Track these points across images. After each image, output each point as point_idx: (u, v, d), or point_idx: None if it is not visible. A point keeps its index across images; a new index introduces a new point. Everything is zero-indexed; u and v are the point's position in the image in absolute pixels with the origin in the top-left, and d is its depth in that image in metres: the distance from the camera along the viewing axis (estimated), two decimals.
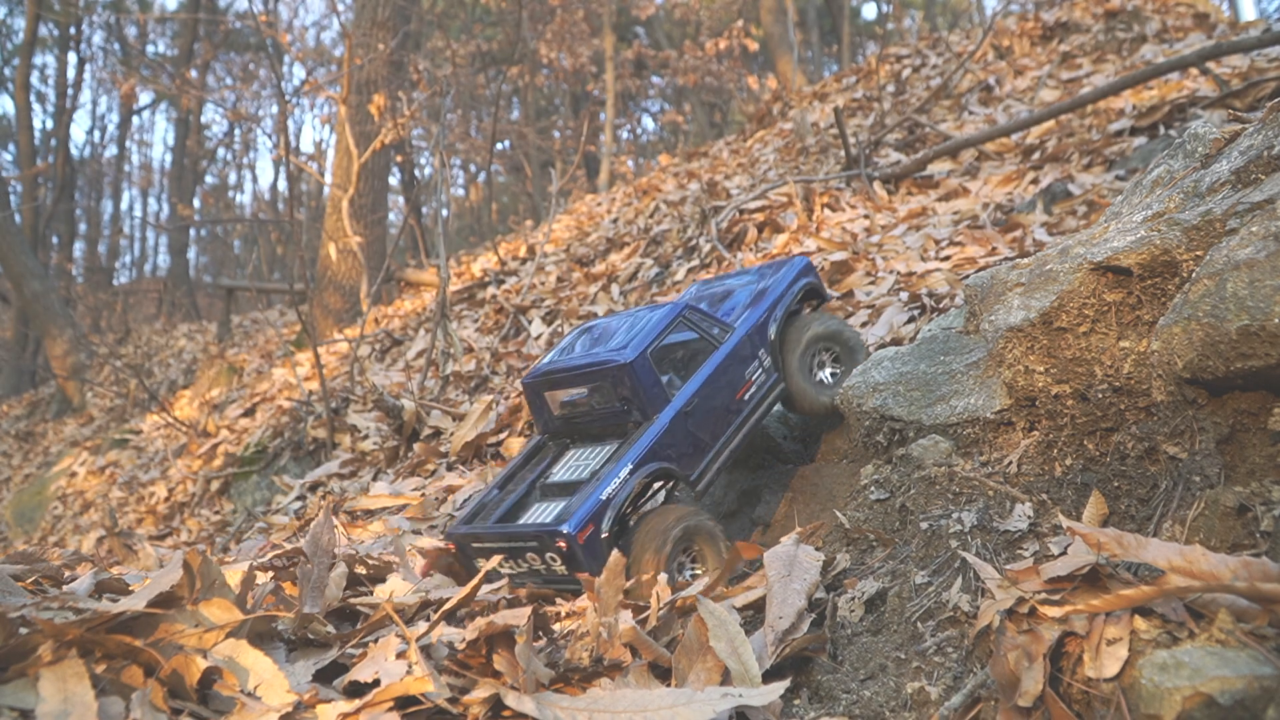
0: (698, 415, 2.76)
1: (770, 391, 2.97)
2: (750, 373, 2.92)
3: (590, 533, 2.46)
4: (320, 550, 2.09)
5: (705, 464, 2.76)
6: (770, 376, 2.97)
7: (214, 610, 1.54)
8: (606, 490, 2.53)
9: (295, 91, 24.33)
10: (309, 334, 6.64)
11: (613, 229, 9.35)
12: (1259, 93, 5.23)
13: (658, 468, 2.64)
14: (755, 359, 2.94)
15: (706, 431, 2.78)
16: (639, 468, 2.59)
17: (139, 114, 32.08)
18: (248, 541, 4.74)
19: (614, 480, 2.55)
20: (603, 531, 2.47)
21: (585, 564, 2.45)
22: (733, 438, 2.84)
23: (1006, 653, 1.46)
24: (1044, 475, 2.07)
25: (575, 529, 2.44)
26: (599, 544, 2.46)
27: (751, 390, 2.91)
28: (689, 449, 2.73)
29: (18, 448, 15.56)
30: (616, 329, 2.94)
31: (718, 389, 2.83)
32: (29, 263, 15.82)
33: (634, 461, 2.60)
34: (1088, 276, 2.06)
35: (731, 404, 2.85)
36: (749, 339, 2.94)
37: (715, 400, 2.81)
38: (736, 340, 2.92)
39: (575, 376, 2.86)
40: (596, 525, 2.47)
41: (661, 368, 2.79)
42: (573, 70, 21.74)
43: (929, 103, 8.36)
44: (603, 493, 2.52)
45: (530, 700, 1.43)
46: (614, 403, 2.78)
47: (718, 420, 2.81)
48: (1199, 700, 1.20)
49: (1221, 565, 1.30)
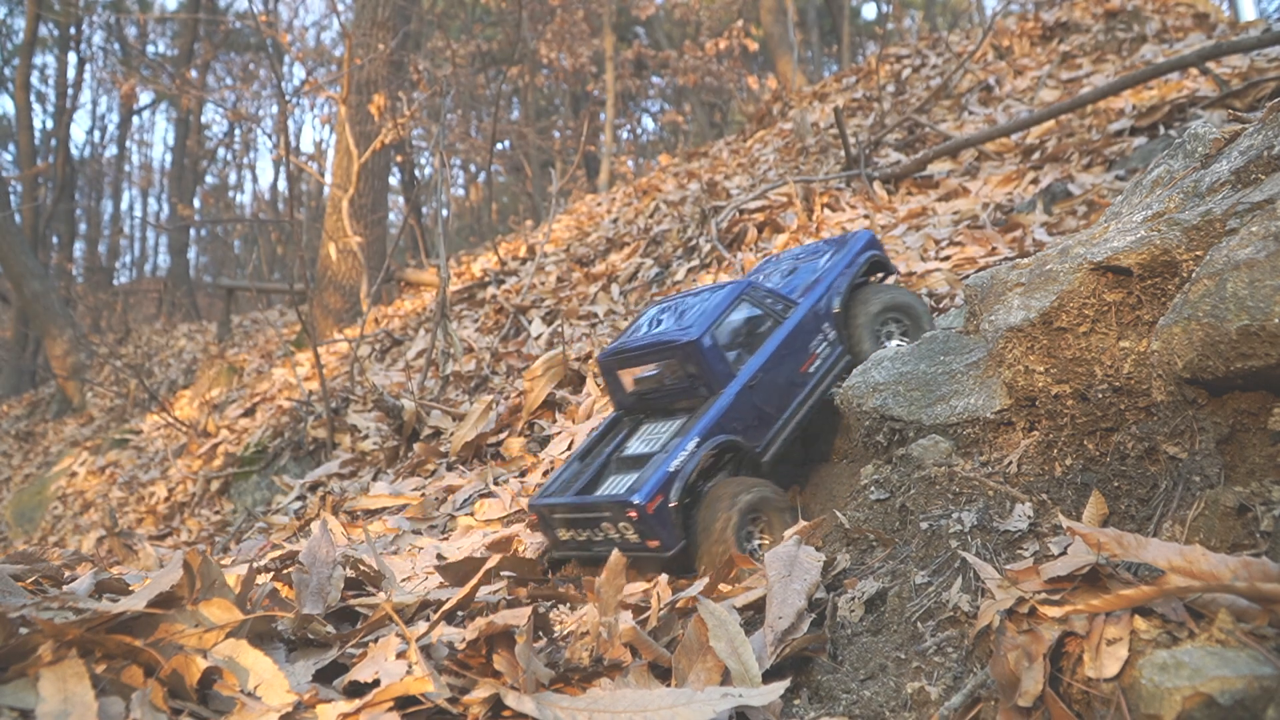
0: (762, 389, 2.84)
1: (835, 364, 3.01)
2: (815, 346, 2.98)
3: (659, 503, 2.56)
4: (319, 562, 2.10)
5: (771, 436, 2.84)
6: (835, 349, 3.02)
7: (214, 610, 1.54)
8: (674, 462, 2.62)
9: (295, 91, 24.33)
10: (309, 334, 6.64)
11: (613, 229, 9.35)
12: (1259, 93, 5.23)
13: (724, 440, 2.72)
14: (819, 333, 3.00)
15: (772, 405, 2.85)
16: (705, 440, 2.68)
17: (139, 114, 32.09)
18: (248, 541, 4.74)
19: (681, 452, 2.65)
20: (671, 501, 2.57)
21: (655, 532, 2.56)
22: (798, 411, 2.91)
23: (1006, 653, 1.46)
24: (1044, 475, 2.07)
25: (645, 499, 2.55)
26: (667, 513, 2.56)
27: (816, 363, 2.97)
28: (754, 422, 2.81)
29: (18, 448, 15.56)
30: (686, 307, 3.05)
31: (782, 363, 2.89)
32: (29, 263, 15.83)
33: (700, 434, 2.69)
34: (1088, 276, 2.06)
35: (796, 377, 2.92)
36: (813, 313, 3.00)
37: (780, 374, 2.88)
38: (800, 315, 2.98)
39: (645, 355, 2.98)
40: (665, 495, 2.56)
41: (727, 344, 2.87)
42: (573, 70, 21.74)
43: (929, 103, 8.36)
44: (670, 464, 2.62)
45: (530, 700, 1.43)
46: (682, 379, 2.89)
47: (783, 394, 2.88)
48: (1199, 700, 1.20)
49: (1221, 565, 1.30)
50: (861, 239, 3.29)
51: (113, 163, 33.35)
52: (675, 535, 2.57)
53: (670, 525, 2.56)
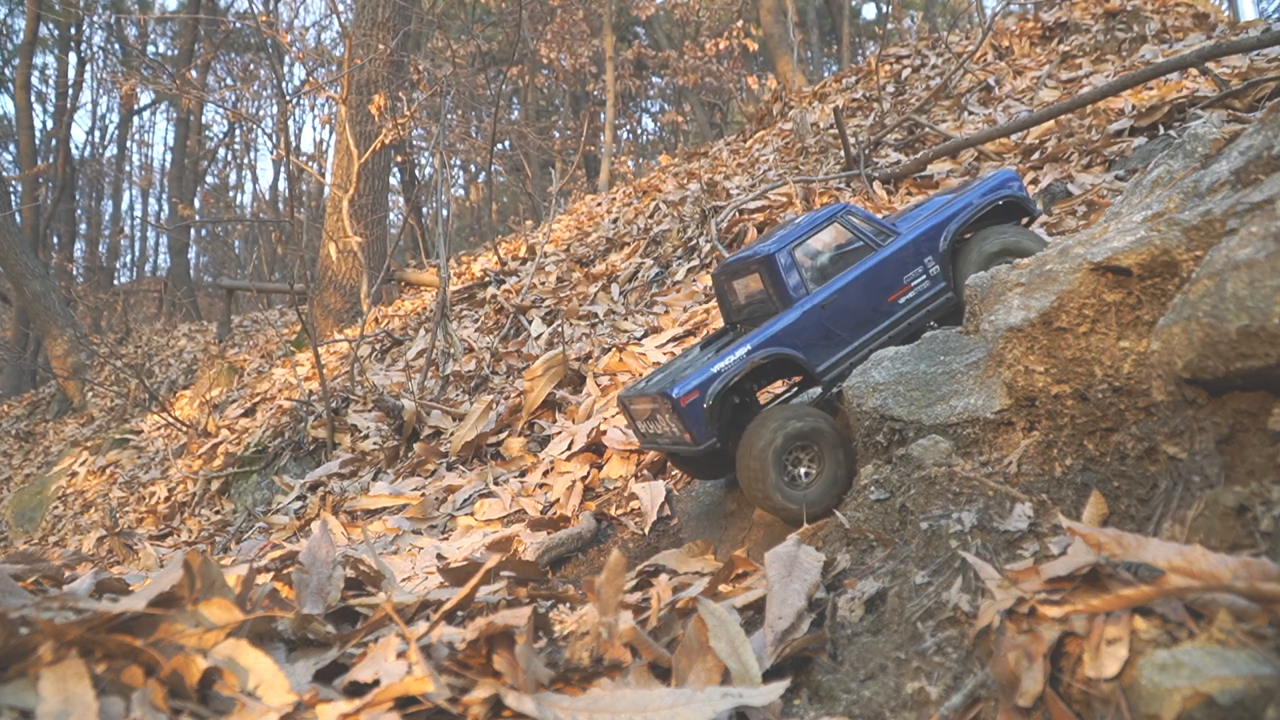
0: (836, 310, 2.84)
1: (931, 300, 2.97)
2: (910, 278, 2.95)
3: (694, 398, 2.61)
4: (319, 562, 2.09)
5: (837, 359, 2.83)
6: (935, 285, 2.98)
7: (214, 610, 1.54)
8: (719, 364, 2.68)
9: (295, 91, 24.34)
10: (309, 334, 6.64)
11: (613, 229, 9.35)
12: (1259, 93, 5.23)
13: (776, 352, 2.74)
14: (918, 265, 2.96)
15: (845, 328, 2.85)
16: (756, 349, 2.72)
17: (139, 114, 32.11)
18: (248, 541, 4.74)
19: (730, 356, 2.70)
20: (705, 400, 2.61)
21: (688, 425, 2.61)
22: (876, 339, 2.89)
23: (1006, 653, 1.46)
24: (1044, 475, 2.07)
25: (680, 393, 2.61)
26: (700, 411, 2.61)
27: (909, 295, 2.94)
28: (820, 340, 2.81)
29: (18, 448, 15.56)
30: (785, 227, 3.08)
31: (866, 289, 2.89)
32: (29, 263, 15.83)
33: (753, 343, 2.73)
34: (1087, 276, 2.06)
35: (881, 305, 2.91)
36: (913, 245, 2.96)
37: (860, 300, 2.87)
38: (897, 246, 2.96)
39: (739, 268, 3.05)
40: (702, 392, 2.61)
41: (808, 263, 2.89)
42: (573, 70, 21.74)
43: (929, 103, 8.36)
44: (715, 365, 2.67)
45: (530, 700, 1.43)
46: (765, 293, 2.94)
47: (860, 319, 2.87)
48: (1199, 700, 1.20)
49: (1221, 565, 1.30)
50: (997, 178, 3.20)
51: (113, 163, 33.36)
52: (706, 431, 2.60)
53: (702, 421, 2.59)
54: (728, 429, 2.87)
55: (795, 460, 2.58)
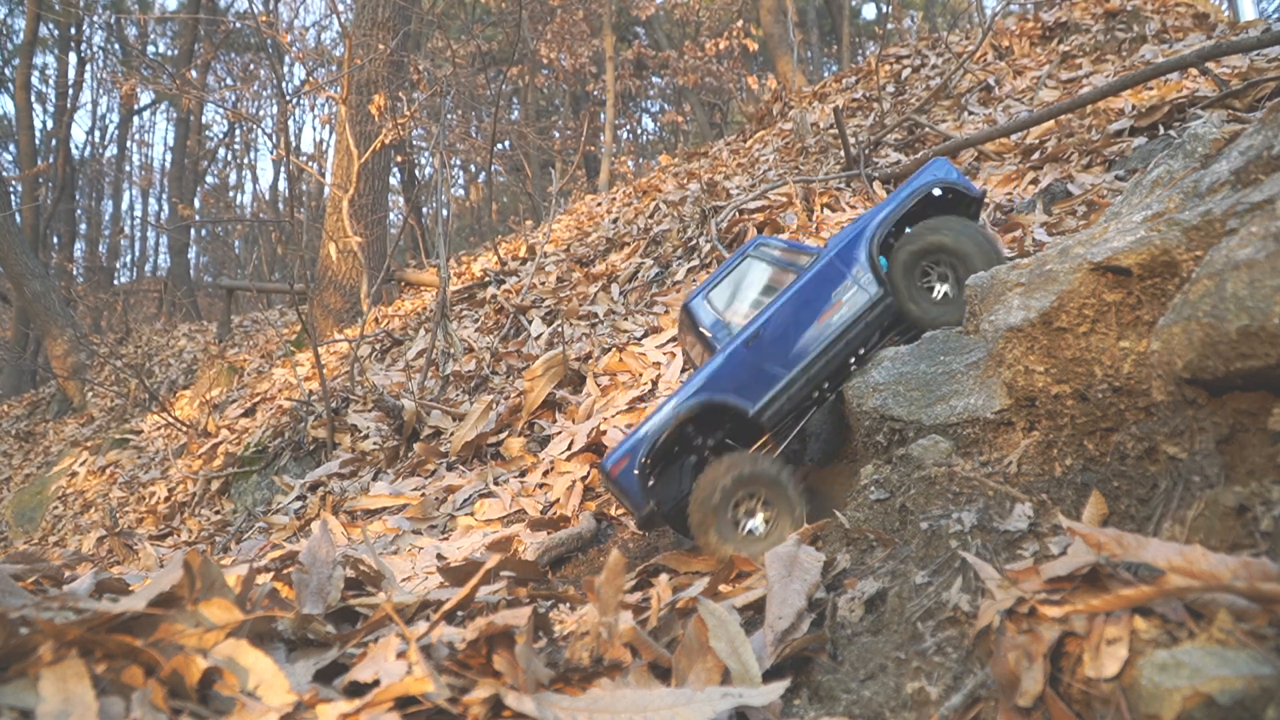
0: (764, 345, 2.67)
1: (869, 311, 2.77)
2: (839, 293, 2.76)
3: (624, 466, 2.50)
4: (319, 562, 2.09)
5: (773, 396, 2.66)
6: (869, 294, 2.77)
7: (214, 610, 1.54)
8: (646, 426, 2.56)
9: (295, 91, 24.34)
10: (309, 334, 6.64)
11: (613, 229, 9.35)
12: (1259, 93, 5.23)
13: (703, 401, 2.59)
14: (847, 278, 2.77)
15: (778, 361, 2.68)
16: (682, 402, 2.59)
17: (139, 114, 32.11)
18: (248, 541, 4.74)
19: (656, 415, 2.58)
20: (635, 467, 2.50)
21: (620, 496, 2.51)
22: (814, 366, 2.70)
23: (1006, 653, 1.46)
24: (1044, 475, 2.07)
25: (610, 463, 2.52)
26: (632, 477, 2.50)
27: (841, 311, 2.74)
28: (751, 380, 2.65)
29: (18, 448, 15.56)
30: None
31: (792, 316, 2.71)
32: (29, 263, 15.83)
33: (678, 397, 2.61)
34: (1088, 276, 2.06)
35: (812, 330, 2.72)
36: (837, 258, 2.79)
37: (789, 328, 2.70)
38: (820, 264, 2.78)
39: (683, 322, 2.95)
40: (631, 458, 2.51)
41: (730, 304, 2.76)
42: (573, 70, 21.74)
43: (929, 103, 8.36)
44: (643, 429, 2.56)
45: (530, 700, 1.43)
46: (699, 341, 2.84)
47: (794, 349, 2.70)
48: (1199, 700, 1.20)
49: (1221, 565, 1.30)
50: (926, 169, 2.97)
51: (113, 163, 33.36)
52: (642, 498, 2.48)
53: (636, 488, 2.47)
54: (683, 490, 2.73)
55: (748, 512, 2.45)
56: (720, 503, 2.40)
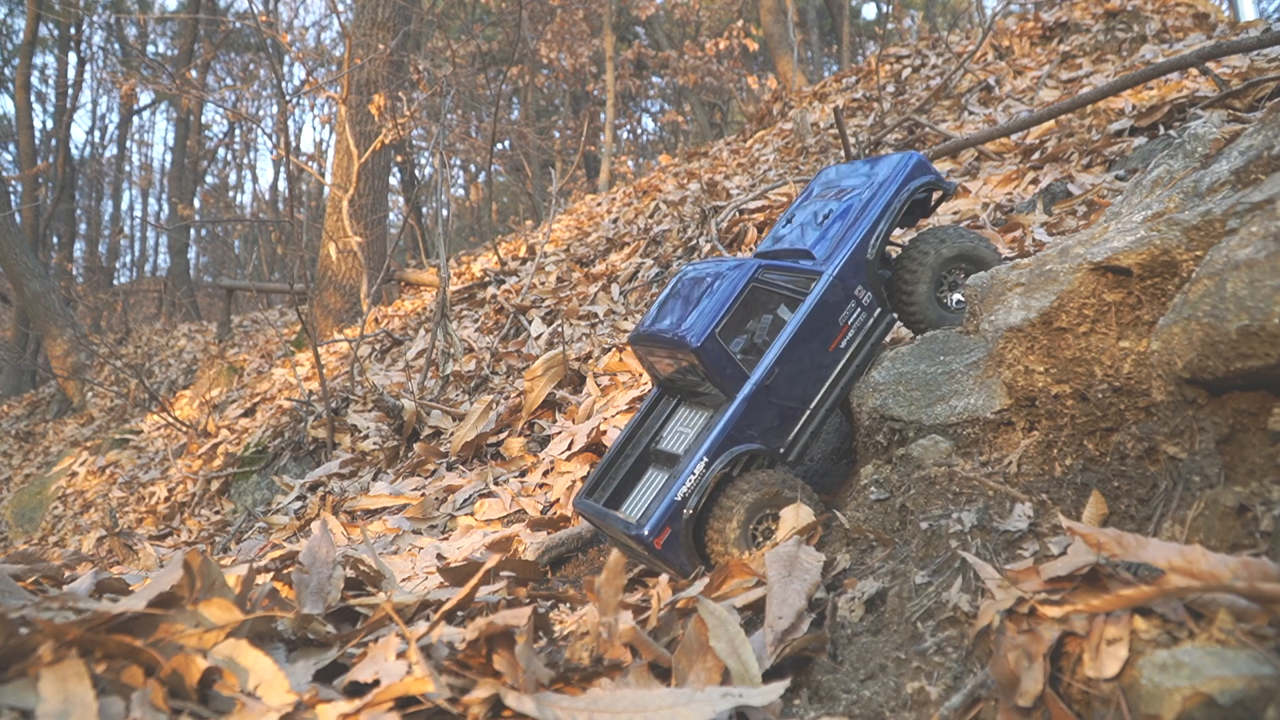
0: (782, 384, 2.57)
1: (874, 329, 2.70)
2: (845, 317, 2.66)
3: (668, 535, 2.41)
4: (318, 562, 2.10)
5: (796, 432, 2.58)
6: (871, 313, 2.68)
7: (214, 610, 1.54)
8: (681, 490, 2.45)
9: (295, 91, 24.34)
10: (309, 334, 6.64)
11: (613, 229, 9.35)
12: (1259, 93, 5.23)
13: (739, 453, 2.50)
14: (850, 299, 2.66)
15: (794, 398, 2.58)
16: (714, 459, 2.48)
17: (139, 114, 32.12)
18: (248, 541, 4.74)
19: (689, 476, 2.47)
20: (680, 530, 2.42)
21: (669, 563, 2.43)
22: (829, 395, 2.63)
23: (1006, 653, 1.46)
24: (1044, 475, 2.07)
25: (652, 534, 2.41)
26: (678, 543, 2.42)
27: (849, 335, 2.66)
28: (775, 422, 2.56)
29: (18, 448, 15.56)
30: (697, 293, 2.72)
31: (804, 349, 2.60)
32: (29, 263, 15.84)
33: (708, 453, 2.48)
34: (1088, 276, 2.06)
35: (824, 359, 2.62)
36: (839, 280, 2.66)
37: (802, 362, 2.59)
38: (822, 288, 2.65)
39: (660, 346, 2.74)
40: (674, 527, 2.41)
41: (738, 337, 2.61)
42: (573, 70, 21.74)
43: (929, 103, 8.37)
44: (678, 492, 2.45)
45: (530, 700, 1.43)
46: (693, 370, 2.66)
47: (808, 382, 2.60)
48: (1199, 700, 1.20)
49: (1221, 565, 1.30)
50: (905, 166, 2.83)
51: (113, 163, 33.37)
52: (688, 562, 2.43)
53: (681, 553, 2.42)
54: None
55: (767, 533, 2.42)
56: (740, 533, 2.38)
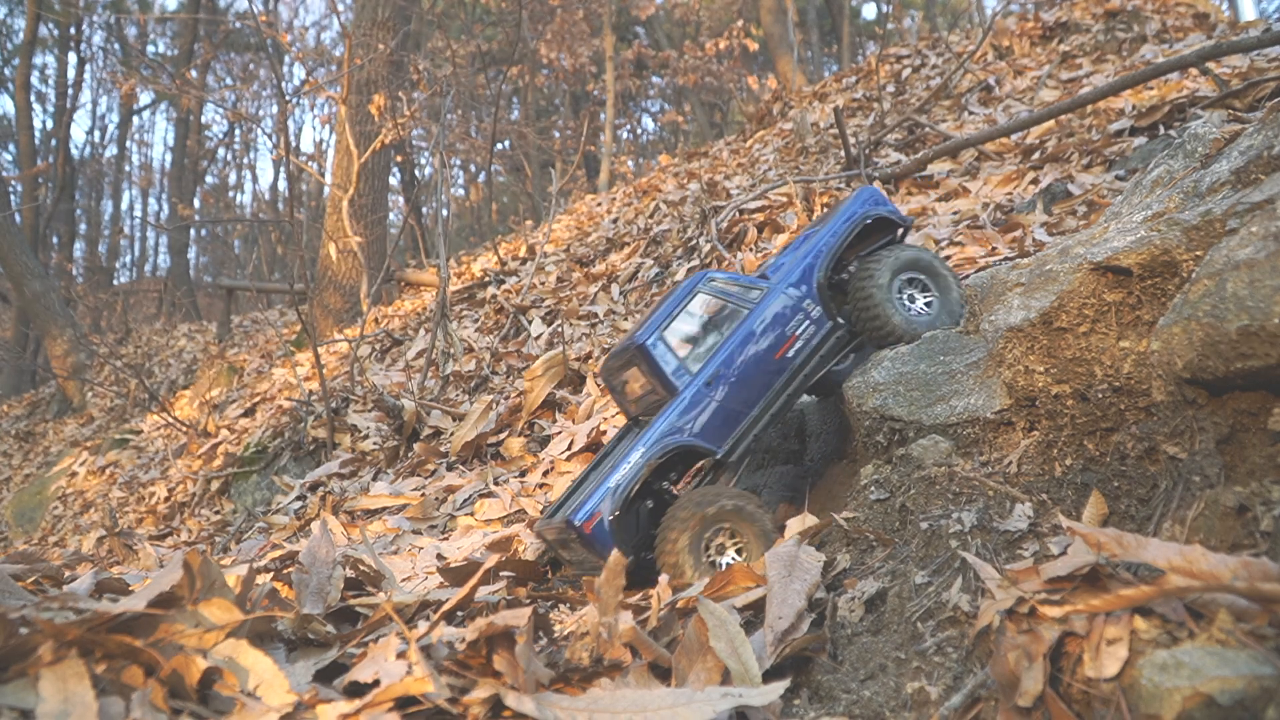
0: (725, 385, 2.67)
1: (823, 344, 2.80)
2: (794, 328, 2.78)
3: (596, 521, 2.46)
4: (318, 562, 2.10)
5: (739, 435, 2.67)
6: (821, 327, 2.80)
7: (214, 610, 1.54)
8: (614, 477, 2.53)
9: (295, 91, 24.34)
10: (309, 334, 6.64)
11: (613, 229, 9.35)
12: (1259, 93, 5.23)
13: (673, 447, 2.58)
14: (799, 312, 2.79)
15: (740, 400, 2.68)
16: (649, 450, 2.56)
17: (139, 114, 32.12)
18: (248, 541, 4.74)
19: (624, 465, 2.55)
20: (609, 517, 2.47)
21: (598, 551, 2.47)
22: (774, 401, 2.72)
23: (1006, 653, 1.46)
24: (1044, 475, 2.07)
25: (582, 519, 2.47)
26: (606, 531, 2.46)
27: (797, 345, 2.77)
28: (716, 420, 2.65)
29: (18, 448, 15.56)
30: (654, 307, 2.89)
31: (750, 353, 2.71)
32: (29, 263, 15.84)
33: (645, 445, 2.57)
34: (1088, 276, 2.06)
35: (770, 365, 2.73)
36: (787, 292, 2.81)
37: (748, 366, 2.70)
38: (771, 299, 2.79)
39: (620, 363, 2.86)
40: (604, 513, 2.47)
41: (686, 342, 2.72)
42: (573, 70, 21.75)
43: (929, 103, 8.36)
44: (611, 480, 2.53)
45: (530, 700, 1.43)
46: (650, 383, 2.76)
47: (754, 386, 2.70)
48: (1199, 700, 1.20)
49: (1221, 565, 1.30)
50: (858, 199, 3.02)
51: (113, 163, 33.38)
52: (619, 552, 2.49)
53: (612, 543, 2.45)
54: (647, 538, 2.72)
55: (720, 548, 2.43)
56: (692, 544, 2.38)
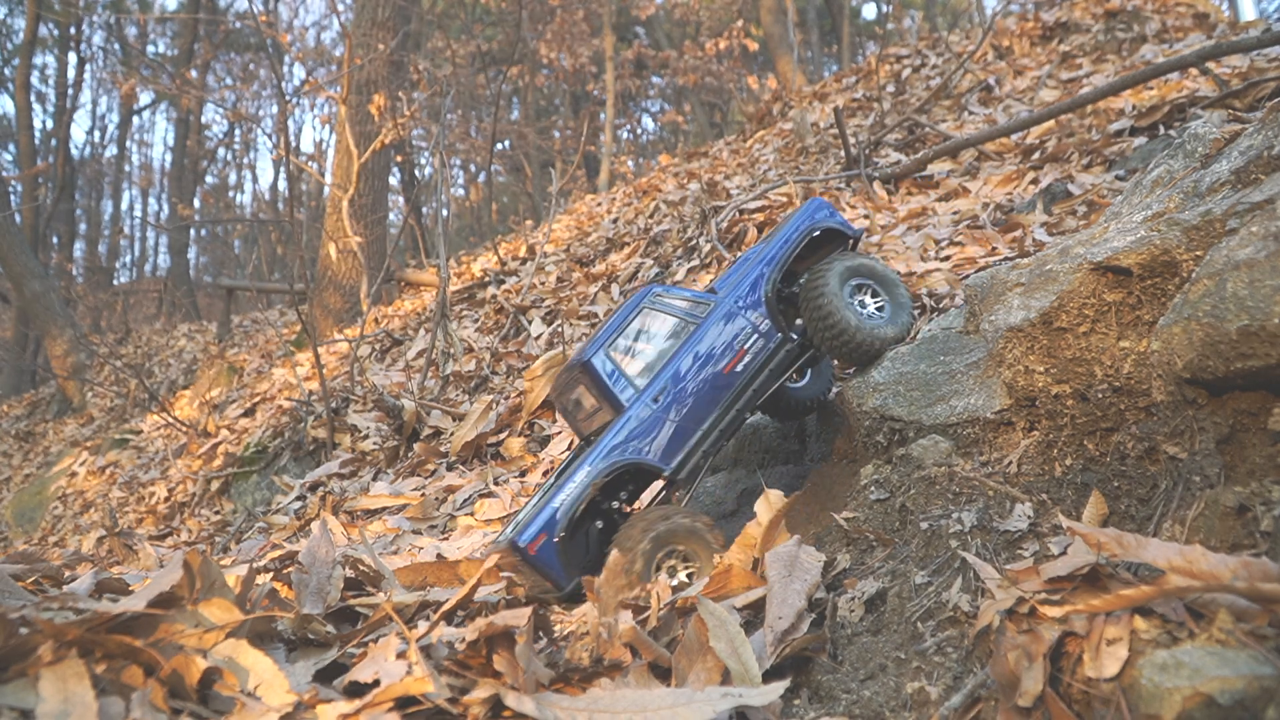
0: (673, 399, 2.63)
1: (772, 356, 2.75)
2: (741, 341, 2.72)
3: (542, 542, 2.42)
4: (318, 562, 2.10)
5: (688, 451, 2.62)
6: (770, 340, 2.75)
7: (214, 610, 1.54)
8: (559, 496, 2.49)
9: (295, 91, 24.35)
10: (309, 334, 6.64)
11: (613, 229, 9.35)
12: (1259, 93, 5.23)
13: (620, 464, 2.54)
14: (747, 325, 2.74)
15: (688, 416, 2.64)
16: (595, 468, 2.52)
17: (139, 114, 32.11)
18: (248, 541, 4.74)
19: (569, 485, 2.51)
20: (555, 538, 2.43)
21: (544, 573, 2.43)
22: (723, 416, 2.67)
23: (1006, 653, 1.46)
24: (1044, 475, 2.07)
25: (526, 541, 2.42)
26: (553, 551, 2.43)
27: (746, 359, 2.71)
28: (665, 438, 2.60)
29: (18, 448, 15.56)
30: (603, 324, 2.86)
31: (698, 368, 2.67)
32: (29, 263, 15.83)
33: (590, 463, 2.53)
34: (1088, 276, 2.06)
35: (719, 380, 2.68)
36: (735, 306, 2.77)
37: (696, 381, 2.66)
38: (718, 312, 2.75)
39: (568, 380, 2.84)
40: (549, 534, 2.43)
41: (632, 358, 2.68)
42: (573, 70, 21.75)
43: (929, 103, 8.36)
44: (556, 499, 2.49)
45: (530, 700, 1.43)
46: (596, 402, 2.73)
47: (702, 401, 2.66)
48: (1199, 700, 1.20)
49: (1221, 565, 1.30)
50: (804, 211, 2.98)
51: (113, 163, 33.37)
52: (565, 574, 2.43)
53: (557, 563, 2.42)
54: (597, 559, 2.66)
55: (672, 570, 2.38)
56: (644, 568, 2.34)
